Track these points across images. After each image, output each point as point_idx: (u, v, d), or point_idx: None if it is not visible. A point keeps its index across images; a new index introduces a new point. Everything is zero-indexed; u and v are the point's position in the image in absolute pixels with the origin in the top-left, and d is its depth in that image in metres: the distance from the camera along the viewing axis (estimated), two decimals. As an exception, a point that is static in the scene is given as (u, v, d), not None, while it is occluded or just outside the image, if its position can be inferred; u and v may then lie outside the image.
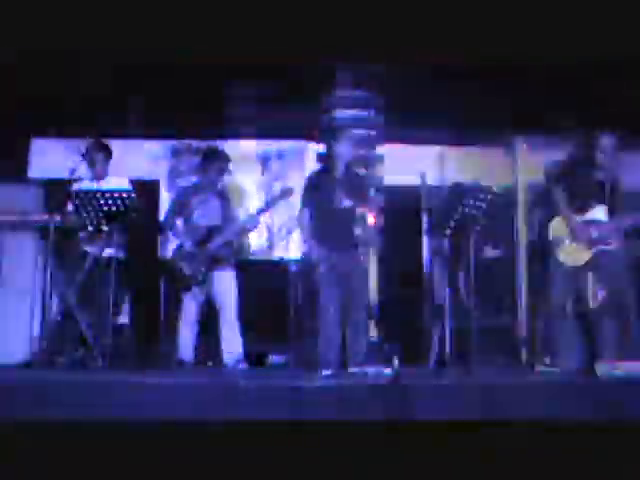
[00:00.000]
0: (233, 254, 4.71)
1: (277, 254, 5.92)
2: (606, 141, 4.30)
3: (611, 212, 4.31)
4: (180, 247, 4.63)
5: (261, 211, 4.72)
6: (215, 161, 4.69)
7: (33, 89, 5.64)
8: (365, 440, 2.71)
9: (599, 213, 4.31)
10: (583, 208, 4.31)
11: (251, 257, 5.76)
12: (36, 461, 2.60)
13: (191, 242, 4.56)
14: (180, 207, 4.70)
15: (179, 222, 4.69)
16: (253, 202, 5.88)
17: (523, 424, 2.78)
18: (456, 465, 2.66)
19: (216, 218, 4.64)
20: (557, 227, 4.33)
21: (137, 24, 4.61)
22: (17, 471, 2.59)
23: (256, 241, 5.84)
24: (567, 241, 4.25)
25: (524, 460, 2.67)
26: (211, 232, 4.57)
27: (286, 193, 4.66)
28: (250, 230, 4.83)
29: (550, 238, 4.32)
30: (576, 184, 4.34)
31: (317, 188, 4.39)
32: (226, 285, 4.55)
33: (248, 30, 5.06)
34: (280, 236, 5.88)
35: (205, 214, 4.64)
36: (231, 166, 4.89)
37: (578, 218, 4.28)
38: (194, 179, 4.92)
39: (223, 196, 4.74)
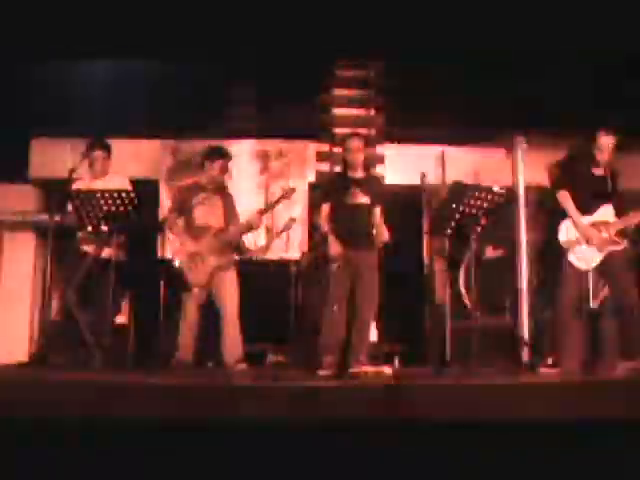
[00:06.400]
0: (234, 254, 4.70)
1: (277, 254, 5.92)
2: (607, 140, 4.30)
3: (616, 212, 4.31)
4: (181, 247, 4.61)
5: (264, 211, 4.72)
6: (217, 160, 4.68)
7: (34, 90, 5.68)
8: (365, 440, 2.71)
9: (606, 213, 4.31)
10: (589, 209, 4.31)
11: (251, 257, 5.75)
12: (36, 460, 2.60)
13: (192, 242, 4.54)
14: (181, 207, 4.68)
15: (180, 222, 4.68)
16: (253, 202, 5.88)
17: (523, 424, 2.78)
18: (455, 465, 2.66)
19: (218, 217, 4.63)
20: (567, 229, 4.32)
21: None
22: (17, 470, 2.59)
23: (256, 241, 5.82)
24: (580, 244, 4.25)
25: (523, 460, 2.67)
26: (213, 232, 4.56)
27: (288, 193, 4.66)
28: (252, 230, 4.83)
29: (561, 240, 4.31)
30: (579, 185, 4.34)
31: (334, 186, 4.44)
32: (227, 285, 4.53)
33: (249, 30, 5.06)
34: (280, 236, 5.86)
35: (207, 213, 4.63)
36: (231, 165, 4.89)
37: (585, 219, 4.28)
38: (194, 178, 4.91)
39: (225, 195, 4.73)
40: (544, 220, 4.98)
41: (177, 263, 4.55)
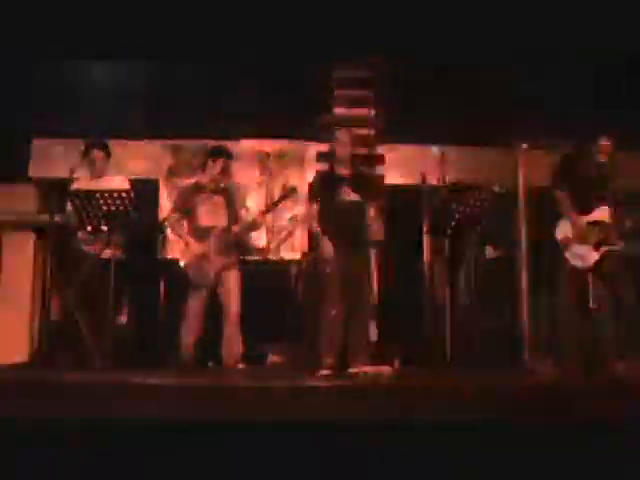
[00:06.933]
0: (238, 254, 4.70)
1: (277, 254, 5.92)
2: (606, 142, 4.30)
3: (613, 212, 4.32)
4: (187, 248, 4.60)
5: (266, 211, 4.73)
6: (219, 159, 4.68)
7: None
8: (365, 440, 2.71)
9: (603, 214, 4.31)
10: (586, 209, 4.31)
11: (251, 257, 5.75)
12: (36, 460, 2.60)
13: (198, 243, 4.54)
14: (183, 207, 4.68)
15: (184, 222, 4.67)
16: (253, 202, 5.87)
17: (523, 424, 2.78)
18: (454, 465, 2.66)
19: (221, 217, 4.63)
20: (564, 229, 4.32)
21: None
22: (17, 470, 2.59)
23: (256, 241, 5.83)
24: (576, 243, 4.25)
25: (522, 460, 2.67)
26: (217, 232, 4.56)
27: (290, 193, 4.65)
28: (255, 229, 4.83)
29: (559, 239, 4.31)
30: (577, 185, 4.35)
31: (325, 184, 4.42)
32: (232, 285, 4.53)
33: (249, 30, 5.06)
34: (280, 236, 5.87)
35: (210, 214, 4.63)
36: (232, 165, 4.89)
37: (583, 219, 4.29)
38: (195, 178, 4.91)
39: (227, 195, 4.73)
40: (540, 220, 4.98)
41: (182, 264, 4.55)
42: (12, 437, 2.64)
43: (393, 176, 6.03)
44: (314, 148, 6.10)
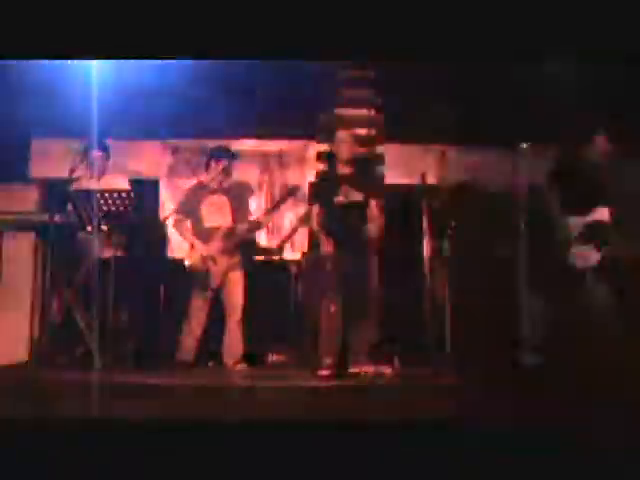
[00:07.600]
0: (243, 254, 4.71)
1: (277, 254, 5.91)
2: (602, 142, 4.31)
3: (611, 213, 4.32)
4: (192, 250, 4.59)
5: (271, 210, 4.74)
6: (222, 159, 4.68)
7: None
8: (366, 440, 2.71)
9: (602, 214, 4.32)
10: (585, 209, 4.32)
11: (253, 257, 5.75)
12: (36, 460, 2.60)
13: (203, 244, 4.53)
14: (187, 208, 4.68)
15: (188, 223, 4.68)
16: (253, 202, 5.87)
17: (522, 424, 2.78)
18: (454, 465, 2.66)
19: (226, 217, 4.63)
20: (564, 228, 4.33)
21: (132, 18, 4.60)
22: (17, 470, 2.59)
23: (257, 241, 5.83)
24: (577, 243, 4.26)
25: (523, 460, 2.67)
26: (222, 233, 4.55)
27: (293, 191, 4.66)
28: (260, 229, 4.84)
29: (559, 239, 4.31)
30: (575, 185, 4.35)
31: (326, 184, 4.44)
32: (236, 285, 4.54)
33: (249, 30, 5.05)
34: (281, 235, 5.87)
35: (214, 214, 4.63)
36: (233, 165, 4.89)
37: (581, 219, 4.30)
38: (197, 179, 4.91)
39: (231, 195, 4.73)
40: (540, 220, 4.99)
41: (187, 264, 4.55)
42: (12, 437, 2.64)
43: (393, 176, 6.04)
44: (314, 148, 6.10)
